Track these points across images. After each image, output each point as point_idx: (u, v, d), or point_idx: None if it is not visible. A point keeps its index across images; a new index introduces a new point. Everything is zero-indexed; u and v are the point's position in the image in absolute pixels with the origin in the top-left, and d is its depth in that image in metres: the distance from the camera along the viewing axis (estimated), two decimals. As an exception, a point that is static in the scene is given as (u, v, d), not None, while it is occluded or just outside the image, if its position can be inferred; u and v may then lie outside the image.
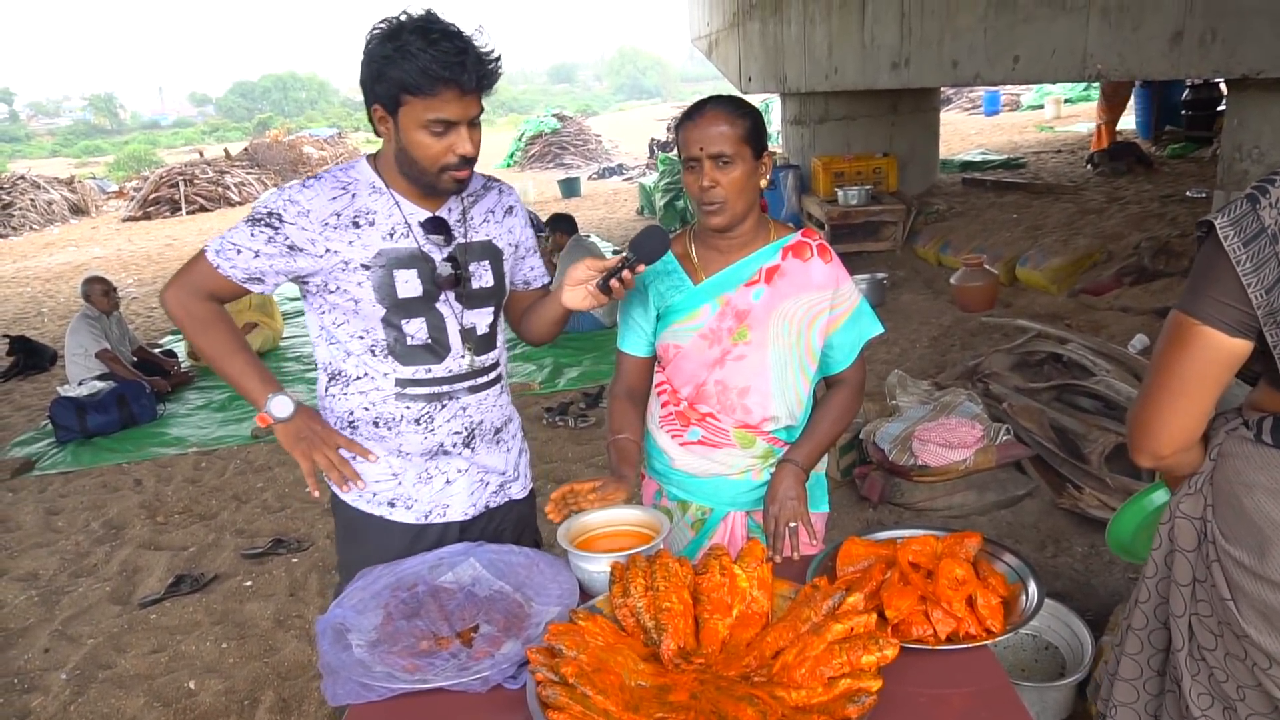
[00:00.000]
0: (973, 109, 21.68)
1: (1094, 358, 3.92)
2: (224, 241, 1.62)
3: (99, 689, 3.00)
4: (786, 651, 1.28)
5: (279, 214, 1.59)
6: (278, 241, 1.60)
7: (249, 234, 1.60)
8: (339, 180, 1.63)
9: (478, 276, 1.73)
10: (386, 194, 1.65)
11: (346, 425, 1.74)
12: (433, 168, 1.58)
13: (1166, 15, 3.60)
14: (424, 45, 1.46)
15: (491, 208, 1.78)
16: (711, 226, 1.70)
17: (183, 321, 1.66)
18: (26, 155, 52.20)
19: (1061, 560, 3.15)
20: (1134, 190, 7.86)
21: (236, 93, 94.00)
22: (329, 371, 1.74)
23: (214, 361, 1.69)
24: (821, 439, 1.78)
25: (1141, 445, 1.30)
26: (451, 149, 1.56)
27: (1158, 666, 1.45)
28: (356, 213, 1.62)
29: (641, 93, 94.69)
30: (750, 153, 1.65)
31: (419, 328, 1.67)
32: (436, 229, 1.67)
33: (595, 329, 6.76)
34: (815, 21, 7.57)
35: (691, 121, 1.66)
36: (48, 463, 5.25)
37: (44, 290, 11.43)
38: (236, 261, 1.61)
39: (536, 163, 22.08)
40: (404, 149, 1.57)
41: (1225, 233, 1.16)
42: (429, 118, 1.52)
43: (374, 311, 1.64)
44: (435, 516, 1.78)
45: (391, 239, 1.64)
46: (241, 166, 20.89)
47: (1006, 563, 1.52)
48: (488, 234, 1.76)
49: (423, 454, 1.75)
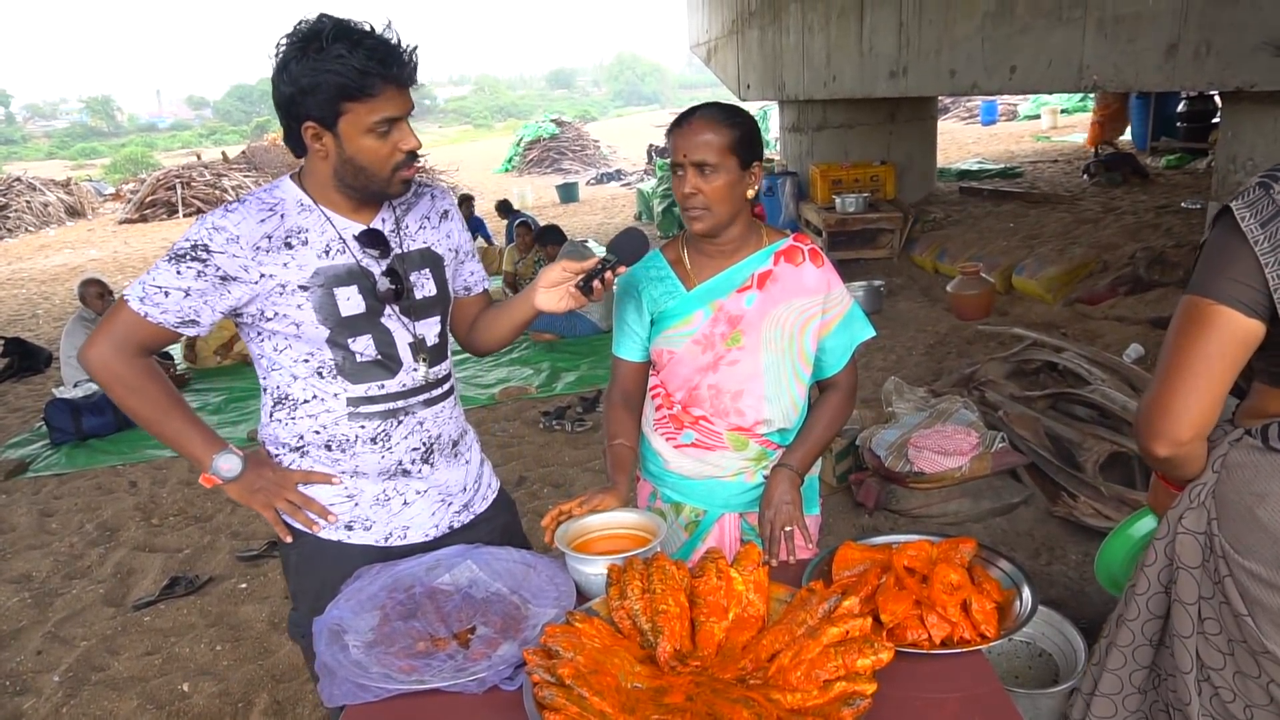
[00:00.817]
0: (970, 118, 21.77)
1: (1089, 366, 3.94)
2: (147, 286, 1.49)
3: (92, 691, 2.99)
4: (782, 654, 1.29)
5: (205, 245, 1.48)
6: (208, 275, 1.49)
7: (174, 272, 1.48)
8: (264, 202, 1.54)
9: (420, 286, 1.66)
10: (316, 210, 1.57)
11: (294, 450, 1.65)
12: (384, 170, 1.52)
13: (1162, 27, 3.62)
14: (351, 49, 1.41)
15: (426, 214, 1.71)
16: (694, 232, 1.72)
17: (109, 385, 1.53)
18: (23, 157, 52.17)
19: (1056, 568, 3.16)
20: (1130, 200, 7.90)
21: (234, 96, 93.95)
22: (274, 396, 1.64)
23: (149, 426, 1.58)
24: (815, 443, 1.79)
25: (1160, 430, 1.24)
26: (398, 146, 1.51)
27: (1139, 684, 1.43)
28: (288, 232, 1.53)
29: (640, 99, 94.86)
30: (736, 162, 1.65)
31: (366, 344, 1.59)
32: (372, 242, 1.59)
33: (592, 333, 6.77)
34: (814, 30, 7.60)
35: (679, 128, 1.67)
36: (42, 464, 5.24)
37: (39, 292, 11.41)
38: (166, 305, 1.49)
39: (535, 168, 22.12)
40: (349, 159, 1.50)
41: (1242, 214, 1.17)
42: (374, 120, 1.46)
43: (317, 333, 1.56)
44: (395, 539, 1.70)
45: (327, 256, 1.55)
46: (239, 169, 20.89)
47: (1001, 569, 1.52)
48: (425, 241, 1.69)
49: (380, 474, 1.67)
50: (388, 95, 1.46)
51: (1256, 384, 1.32)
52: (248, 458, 1.63)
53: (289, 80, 1.45)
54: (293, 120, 1.50)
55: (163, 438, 1.60)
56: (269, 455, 1.68)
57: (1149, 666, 1.42)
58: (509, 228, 8.96)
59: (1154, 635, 1.41)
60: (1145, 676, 1.43)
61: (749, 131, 1.67)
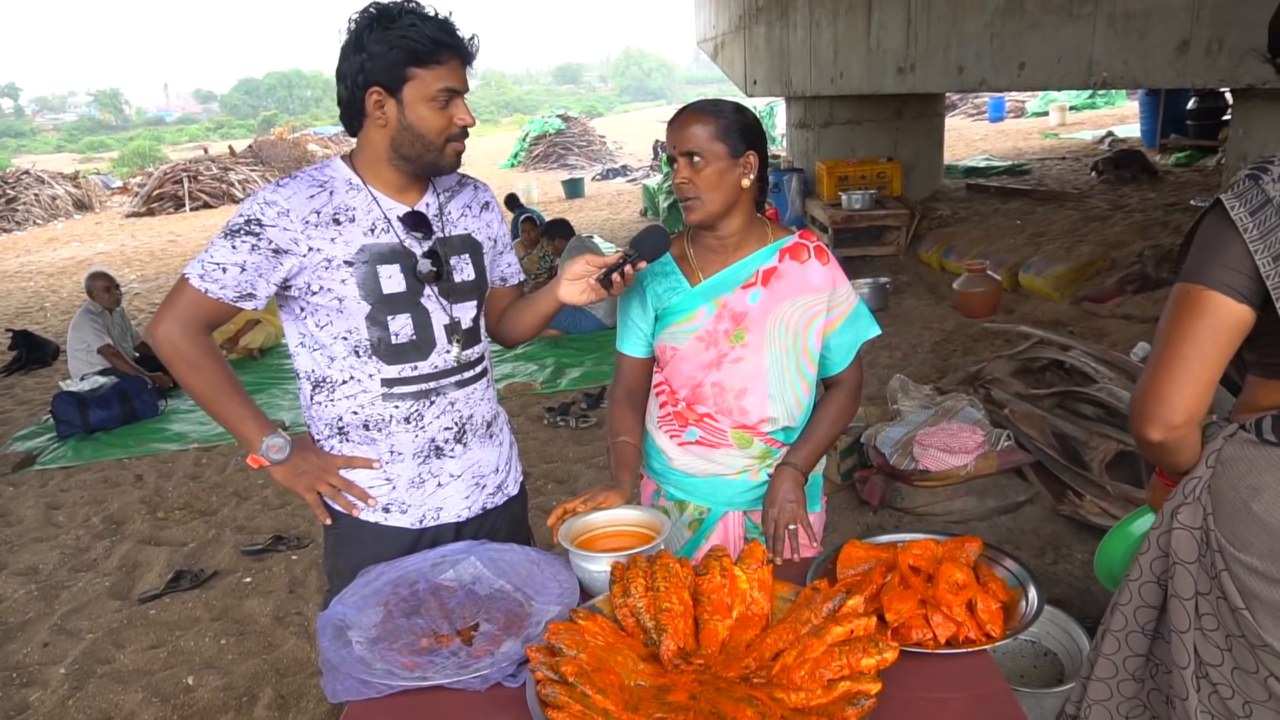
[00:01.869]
0: (977, 115, 21.69)
1: (1096, 365, 3.92)
2: (205, 263, 1.56)
3: (97, 684, 3.00)
4: (786, 653, 1.28)
5: (257, 219, 1.55)
6: (262, 248, 1.55)
7: (230, 247, 1.55)
8: (314, 179, 1.62)
9: (459, 270, 1.73)
10: (364, 190, 1.64)
11: (336, 432, 1.71)
12: (438, 140, 1.59)
13: (1173, 24, 3.60)
14: (420, 20, 1.53)
15: (468, 202, 1.79)
16: (689, 222, 1.73)
17: (173, 362, 1.60)
18: (31, 150, 52.33)
19: (1061, 567, 3.15)
20: (1138, 198, 7.86)
21: (242, 90, 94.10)
22: (312, 380, 1.71)
23: (206, 403, 1.64)
24: (820, 442, 1.78)
25: (1154, 414, 1.26)
26: (454, 119, 1.59)
27: (1133, 670, 1.44)
28: (336, 209, 1.60)
29: (646, 94, 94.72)
30: (724, 149, 1.65)
31: (404, 324, 1.65)
32: (416, 224, 1.66)
33: (597, 329, 6.77)
34: (821, 26, 7.57)
35: (672, 123, 1.70)
36: (49, 457, 5.26)
37: (47, 285, 11.45)
38: (224, 280, 1.56)
39: (540, 163, 22.11)
40: (409, 126, 1.57)
41: (1231, 204, 1.21)
42: (437, 88, 1.55)
43: (358, 309, 1.62)
44: (429, 520, 1.76)
45: (373, 234, 1.63)
46: (246, 164, 20.94)
47: (1007, 568, 1.52)
48: (466, 228, 1.76)
49: (415, 454, 1.72)
50: (452, 66, 1.56)
51: (1249, 377, 1.33)
52: (293, 442, 1.68)
53: (360, 47, 1.53)
54: (357, 89, 1.56)
55: (218, 416, 1.66)
56: (313, 439, 1.75)
57: (1144, 655, 1.43)
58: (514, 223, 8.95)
59: (1147, 623, 1.41)
60: (1141, 664, 1.43)
61: (737, 121, 1.67)
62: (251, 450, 1.66)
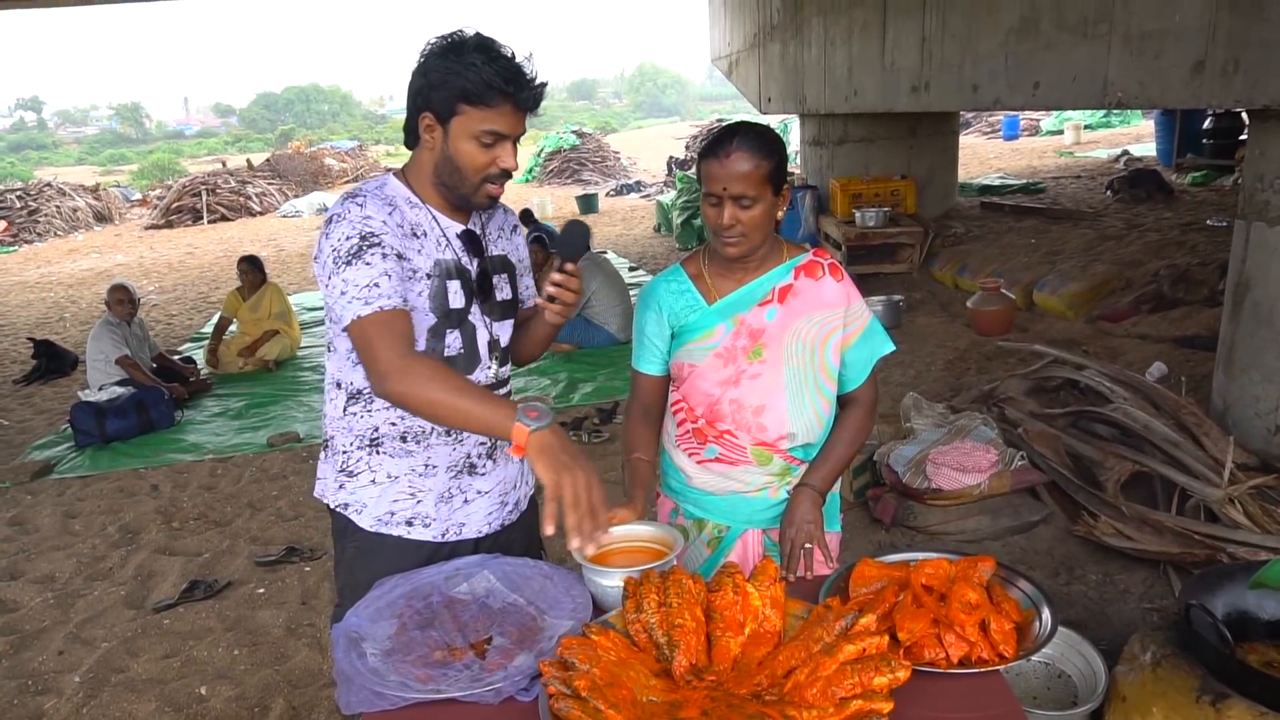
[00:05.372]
0: (992, 133, 21.67)
1: (1111, 385, 3.90)
2: (359, 292, 1.49)
3: (111, 692, 3.02)
4: (798, 671, 1.29)
5: (370, 232, 1.54)
6: (389, 254, 1.55)
7: (364, 265, 1.51)
8: (381, 196, 1.63)
9: (500, 289, 1.78)
10: (424, 208, 1.67)
11: (368, 444, 1.71)
12: (475, 178, 1.61)
13: (1188, 44, 3.60)
14: (486, 60, 1.54)
15: (501, 225, 1.84)
16: (729, 257, 1.74)
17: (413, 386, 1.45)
18: (53, 163, 53.00)
19: (1075, 588, 3.13)
20: (1154, 218, 7.83)
21: (260, 104, 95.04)
22: (349, 391, 1.70)
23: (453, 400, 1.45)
24: (837, 461, 1.79)
25: None
26: (496, 161, 1.61)
27: None
28: (410, 224, 1.64)
29: (661, 111, 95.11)
30: (771, 191, 1.68)
31: (455, 339, 1.69)
32: (470, 243, 1.71)
33: (609, 344, 6.79)
34: (836, 44, 7.61)
35: (716, 159, 1.65)
36: (66, 466, 5.31)
37: (67, 296, 11.58)
38: (387, 291, 1.51)
39: (555, 178, 22.21)
40: (449, 157, 1.60)
41: None
42: (483, 129, 1.57)
43: (425, 321, 1.64)
44: (451, 534, 1.77)
45: (439, 250, 1.66)
46: (263, 177, 21.15)
47: (1020, 588, 1.51)
48: (502, 249, 1.82)
49: (449, 468, 1.74)
50: (503, 111, 1.57)
51: None
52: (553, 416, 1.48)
53: (424, 72, 1.57)
54: (414, 109, 1.60)
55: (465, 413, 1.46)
56: (330, 448, 1.76)
57: None
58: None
59: None
60: None
61: (782, 159, 1.69)
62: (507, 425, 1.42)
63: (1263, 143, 3.57)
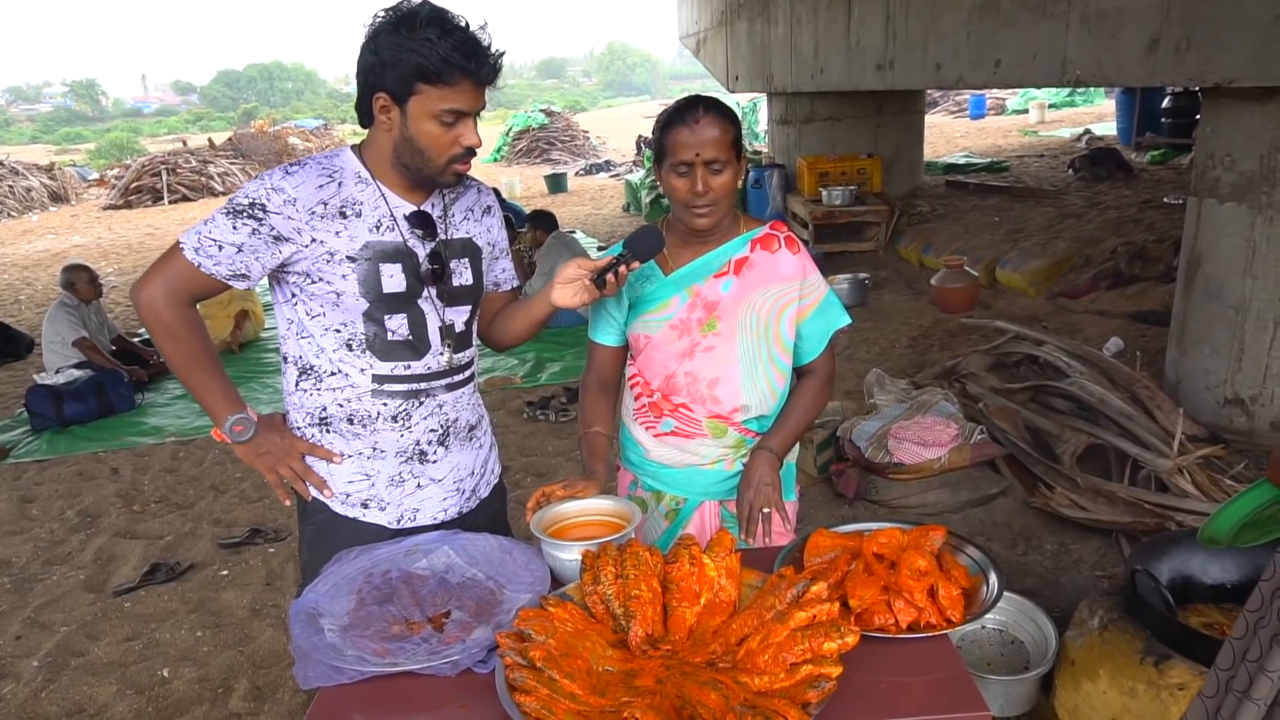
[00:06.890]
0: (958, 112, 21.83)
1: (1069, 360, 3.98)
2: (202, 237, 1.54)
3: (71, 676, 2.99)
4: (751, 638, 1.31)
5: (262, 204, 1.53)
6: (262, 233, 1.53)
7: (230, 226, 1.53)
8: (325, 168, 1.59)
9: (458, 274, 1.72)
10: (373, 185, 1.61)
11: (318, 422, 1.70)
12: (440, 159, 1.56)
13: (1143, 23, 3.64)
14: (442, 35, 1.47)
15: (471, 206, 1.77)
16: (700, 229, 1.74)
17: (153, 327, 1.59)
18: (5, 142, 51.60)
19: (1031, 558, 3.20)
20: (1113, 195, 7.96)
21: (221, 82, 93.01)
22: (299, 366, 1.69)
23: (180, 373, 1.64)
24: (794, 427, 1.81)
25: None
26: (459, 140, 1.55)
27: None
28: (343, 202, 1.58)
29: (631, 89, 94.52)
30: (734, 155, 1.70)
31: (400, 323, 1.64)
32: (421, 224, 1.64)
33: (577, 324, 6.76)
34: (802, 22, 7.60)
35: (685, 126, 1.66)
36: (23, 451, 5.21)
37: (21, 278, 11.30)
38: (219, 258, 1.54)
39: (524, 158, 22.02)
40: (410, 139, 1.54)
41: None
42: (443, 107, 1.51)
43: (356, 305, 1.61)
44: (407, 521, 1.76)
45: (378, 231, 1.60)
46: (226, 156, 20.73)
47: (969, 555, 1.55)
48: (468, 231, 1.75)
49: (398, 453, 1.72)
50: (462, 88, 1.51)
51: None
52: (260, 422, 1.68)
53: (374, 49, 1.50)
54: (368, 89, 1.54)
55: (190, 387, 1.66)
56: (287, 423, 1.75)
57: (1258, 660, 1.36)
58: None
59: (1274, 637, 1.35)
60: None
61: (739, 129, 1.72)
62: (217, 425, 1.66)
63: (1214, 120, 3.64)
